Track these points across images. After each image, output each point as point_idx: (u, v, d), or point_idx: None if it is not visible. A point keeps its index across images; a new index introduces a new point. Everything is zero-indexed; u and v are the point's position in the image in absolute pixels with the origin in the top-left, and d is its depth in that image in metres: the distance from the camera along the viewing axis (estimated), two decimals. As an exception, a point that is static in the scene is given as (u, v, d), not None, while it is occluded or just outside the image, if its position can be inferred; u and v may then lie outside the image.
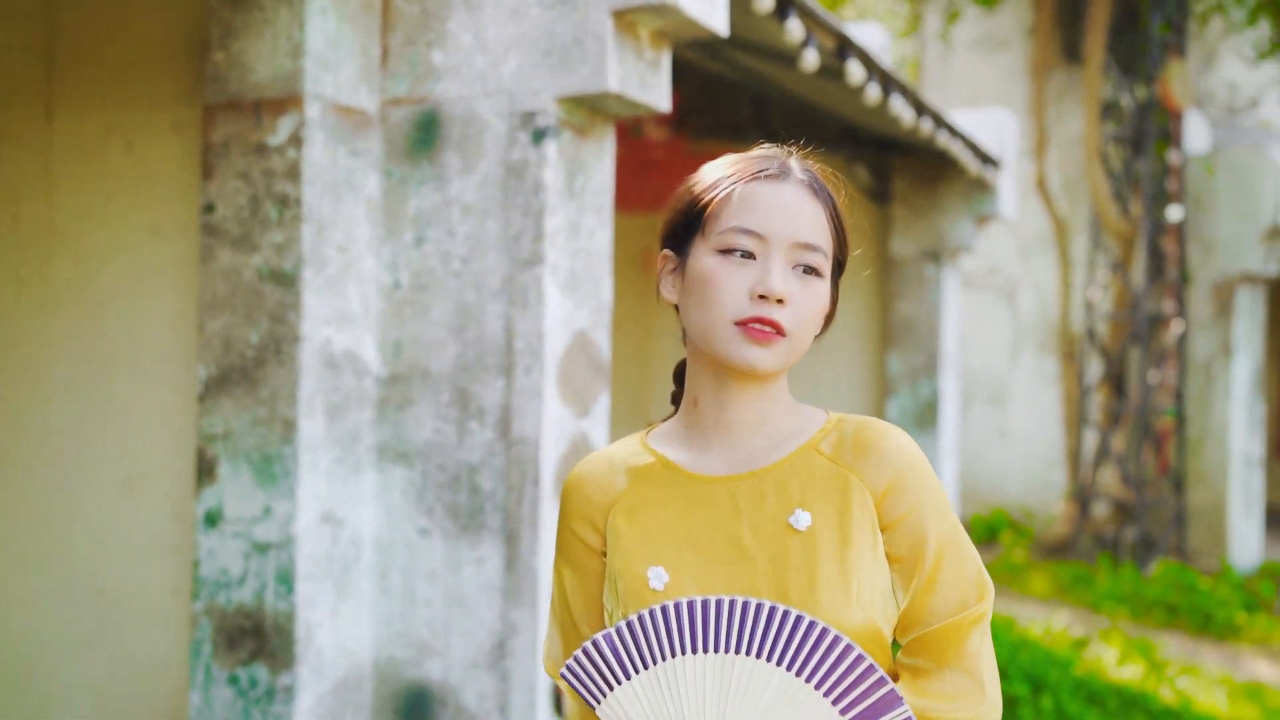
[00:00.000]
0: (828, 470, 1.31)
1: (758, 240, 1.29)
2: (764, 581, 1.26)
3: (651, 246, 6.58)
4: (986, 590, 1.32)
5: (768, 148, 1.40)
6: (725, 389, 1.34)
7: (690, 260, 1.34)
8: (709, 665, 1.20)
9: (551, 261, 2.78)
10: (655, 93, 2.87)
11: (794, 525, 1.28)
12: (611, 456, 1.40)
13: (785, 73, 5.02)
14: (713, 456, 1.35)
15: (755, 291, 1.27)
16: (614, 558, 1.33)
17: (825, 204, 1.33)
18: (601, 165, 2.94)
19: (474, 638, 2.83)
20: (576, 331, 2.87)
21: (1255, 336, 8.86)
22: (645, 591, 1.28)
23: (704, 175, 1.38)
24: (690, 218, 1.35)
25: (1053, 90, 9.34)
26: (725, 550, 1.29)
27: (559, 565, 1.41)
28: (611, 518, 1.36)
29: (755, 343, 1.28)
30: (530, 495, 2.77)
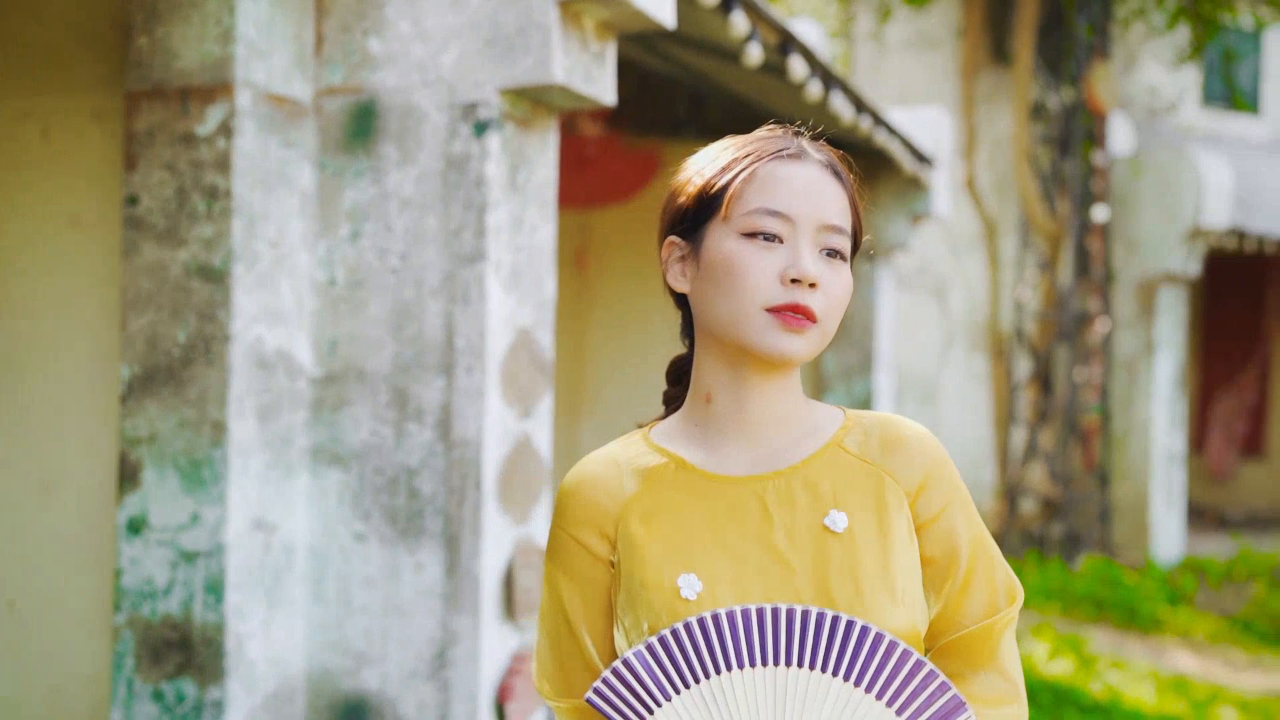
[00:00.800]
0: (858, 468, 1.25)
1: (785, 222, 1.21)
2: (805, 587, 1.19)
3: (585, 243, 6.51)
4: (1017, 593, 1.29)
5: (772, 128, 1.32)
6: (744, 383, 1.25)
7: (707, 246, 1.25)
8: (761, 680, 1.12)
9: (494, 257, 2.69)
10: (600, 86, 2.80)
11: (831, 527, 1.21)
12: (615, 457, 1.30)
13: (723, 68, 4.98)
14: (731, 456, 1.26)
15: (786, 275, 1.20)
16: (633, 566, 1.23)
17: (844, 185, 1.27)
18: (545, 159, 2.86)
19: (413, 646, 2.74)
20: (519, 330, 2.79)
21: (1177, 335, 9.03)
22: (677, 602, 1.19)
23: (710, 158, 1.29)
24: (704, 201, 1.26)
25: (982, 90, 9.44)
26: (759, 555, 1.21)
27: (554, 576, 1.30)
28: (623, 523, 1.25)
29: (790, 330, 1.20)
30: (472, 498, 2.69)
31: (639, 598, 1.21)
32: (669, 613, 1.18)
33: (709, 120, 6.79)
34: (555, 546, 1.31)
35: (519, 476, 2.80)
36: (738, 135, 1.32)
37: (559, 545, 1.30)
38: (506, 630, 2.78)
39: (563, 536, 1.30)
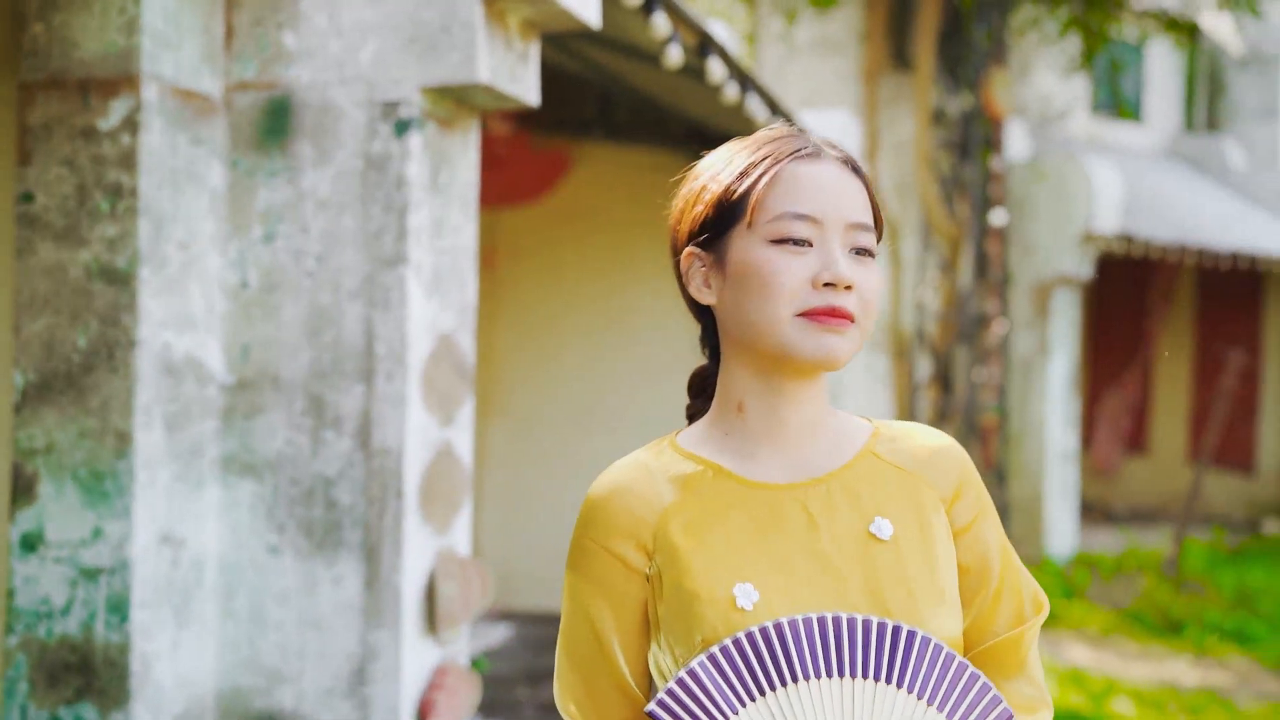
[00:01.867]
0: (895, 475, 1.24)
1: (812, 225, 1.19)
2: (858, 595, 1.16)
3: (495, 245, 6.42)
4: (1043, 602, 1.29)
5: (778, 127, 1.29)
6: (779, 390, 1.22)
7: (732, 254, 1.21)
8: (829, 691, 1.09)
9: (415, 260, 2.61)
10: (524, 86, 2.74)
11: (877, 534, 1.20)
12: (646, 465, 1.25)
13: (635, 68, 4.95)
14: (767, 463, 1.23)
15: (820, 280, 1.17)
16: (679, 577, 1.18)
17: (863, 180, 1.25)
18: (466, 159, 2.79)
19: (330, 662, 2.65)
20: (441, 334, 2.71)
21: (1071, 336, 9.28)
22: (733, 612, 1.15)
23: (724, 163, 1.25)
24: (725, 209, 1.22)
25: (884, 95, 9.58)
26: (808, 564, 1.18)
27: (581, 592, 1.23)
28: (663, 533, 1.20)
29: (831, 331, 1.17)
30: (393, 509, 2.60)
31: (690, 610, 1.17)
32: (725, 624, 1.15)
33: (618, 120, 6.76)
34: (583, 559, 1.24)
35: (441, 485, 2.72)
36: (743, 138, 1.28)
37: (588, 558, 1.23)
38: (428, 644, 2.71)
39: (593, 548, 1.23)
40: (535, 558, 6.69)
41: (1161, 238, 9.15)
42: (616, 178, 6.80)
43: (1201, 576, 8.30)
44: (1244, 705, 5.72)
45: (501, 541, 6.46)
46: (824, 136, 1.28)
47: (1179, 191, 10.87)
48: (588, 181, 6.83)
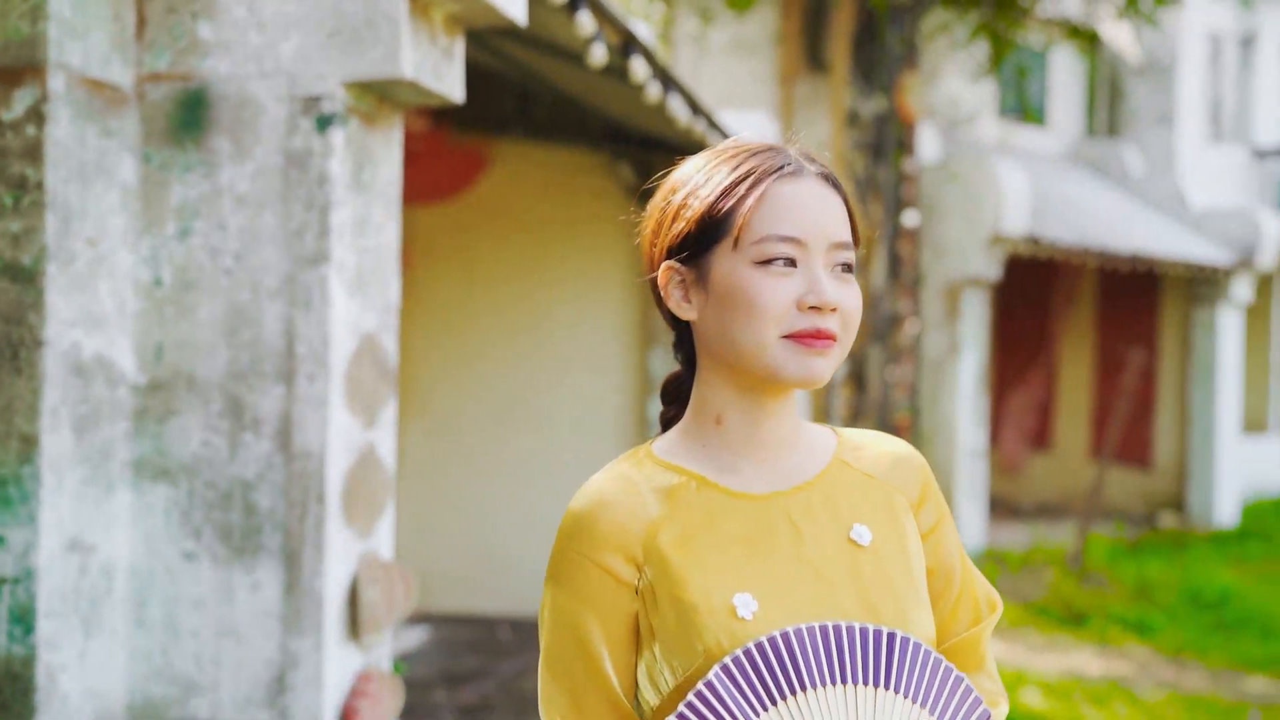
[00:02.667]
0: (866, 483, 1.27)
1: (797, 246, 1.20)
2: (849, 602, 1.19)
3: (411, 244, 6.33)
4: (997, 602, 1.34)
5: (753, 139, 1.29)
6: (759, 405, 1.24)
7: (716, 273, 1.22)
8: (837, 698, 1.12)
9: (337, 259, 2.56)
10: (449, 83, 2.70)
11: (857, 541, 1.23)
12: (628, 476, 1.24)
13: (554, 65, 4.92)
14: (747, 474, 1.24)
15: (805, 303, 1.19)
16: (674, 589, 1.18)
17: (841, 193, 1.25)
18: (390, 156, 2.74)
19: (248, 671, 2.58)
20: (364, 334, 2.66)
21: (980, 336, 9.47)
22: (734, 622, 1.16)
23: (704, 177, 1.24)
24: (708, 226, 1.22)
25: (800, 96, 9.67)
26: (797, 572, 1.20)
27: (568, 607, 1.21)
28: (652, 545, 1.20)
29: (814, 353, 1.19)
30: (314, 513, 2.54)
31: (690, 621, 1.17)
32: (728, 634, 1.15)
33: (536, 118, 6.72)
34: (569, 572, 1.22)
35: (363, 488, 2.67)
36: (719, 147, 1.27)
37: (574, 570, 1.21)
38: (351, 650, 2.65)
39: (580, 561, 1.21)
40: (452, 559, 6.62)
41: (1066, 240, 9.38)
42: (535, 176, 6.76)
43: (1104, 569, 8.54)
44: (1145, 693, 5.89)
45: (418, 543, 6.38)
46: (802, 148, 1.28)
47: (1081, 194, 11.16)
48: (506, 180, 6.77)
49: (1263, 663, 6.65)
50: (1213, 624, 7.34)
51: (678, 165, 1.30)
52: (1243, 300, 11.14)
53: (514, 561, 6.63)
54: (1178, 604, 7.67)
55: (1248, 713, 5.67)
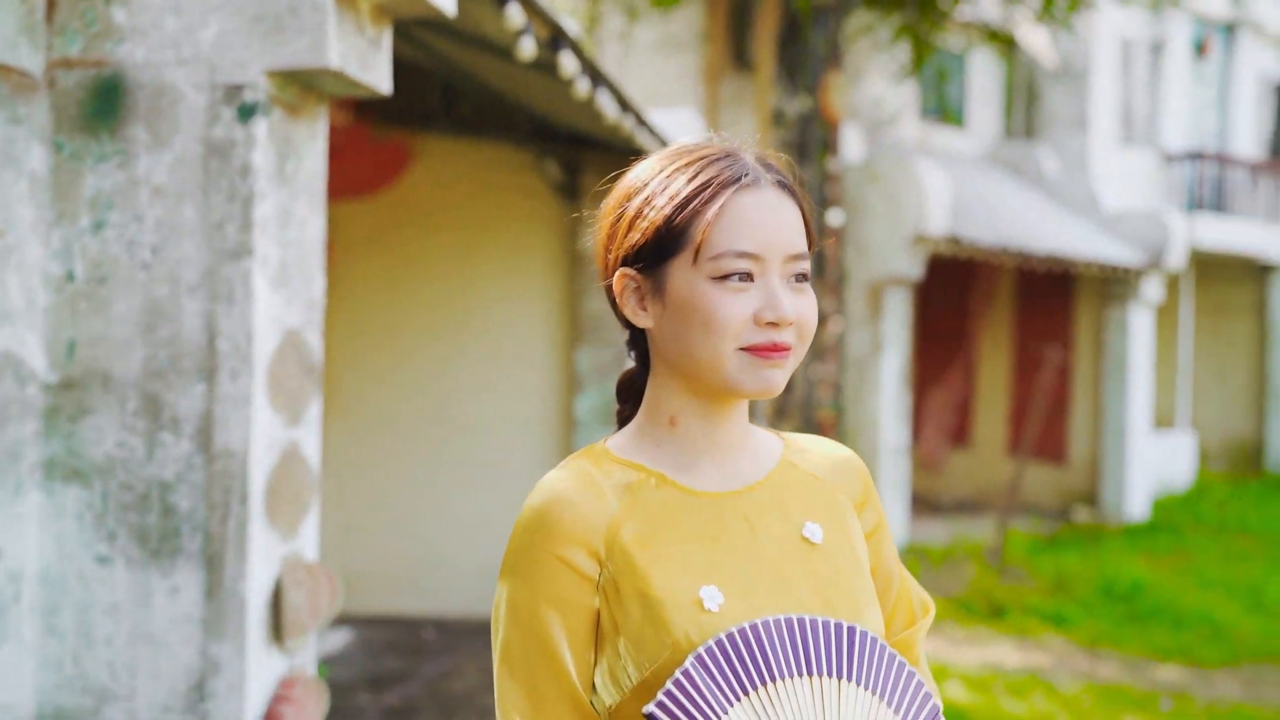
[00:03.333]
0: (814, 484, 1.29)
1: (756, 261, 1.21)
2: (808, 598, 1.21)
3: (332, 240, 6.21)
4: (930, 603, 1.38)
5: (710, 141, 1.28)
6: (716, 409, 1.26)
7: (673, 285, 1.22)
8: (804, 689, 1.14)
9: (261, 253, 2.48)
10: (376, 73, 2.64)
11: (809, 539, 1.25)
12: (587, 472, 1.24)
13: (479, 59, 4.86)
14: (704, 473, 1.26)
15: (763, 319, 1.20)
16: (638, 583, 1.18)
17: (797, 199, 1.25)
18: (314, 148, 2.67)
19: (166, 679, 2.49)
20: (288, 331, 2.59)
21: (902, 334, 9.59)
22: (701, 615, 1.17)
23: (659, 184, 1.23)
24: (665, 240, 1.22)
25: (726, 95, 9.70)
26: (756, 568, 1.22)
27: (528, 602, 1.20)
28: (614, 540, 1.20)
29: (771, 366, 1.20)
30: (237, 514, 2.47)
31: (657, 615, 1.17)
32: (696, 626, 1.16)
33: (461, 114, 6.64)
34: (530, 568, 1.20)
35: (287, 488, 2.60)
36: (675, 150, 1.26)
37: (536, 566, 1.20)
38: (274, 655, 2.58)
39: (542, 556, 1.20)
40: (375, 560, 6.52)
41: (986, 240, 9.54)
42: (460, 173, 6.68)
43: (1023, 564, 8.70)
44: (1063, 684, 6.01)
45: (340, 544, 6.27)
46: (757, 152, 1.27)
47: (999, 195, 11.36)
48: (430, 176, 6.69)
49: (1173, 652, 6.82)
50: (1126, 615, 7.52)
51: (632, 166, 1.29)
52: (1153, 300, 11.43)
53: (438, 561, 6.56)
54: (1093, 596, 7.84)
55: (1159, 701, 5.80)
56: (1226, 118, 14.66)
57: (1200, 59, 14.32)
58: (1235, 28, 14.49)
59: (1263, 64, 14.97)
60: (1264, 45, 14.93)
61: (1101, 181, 12.93)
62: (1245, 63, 14.68)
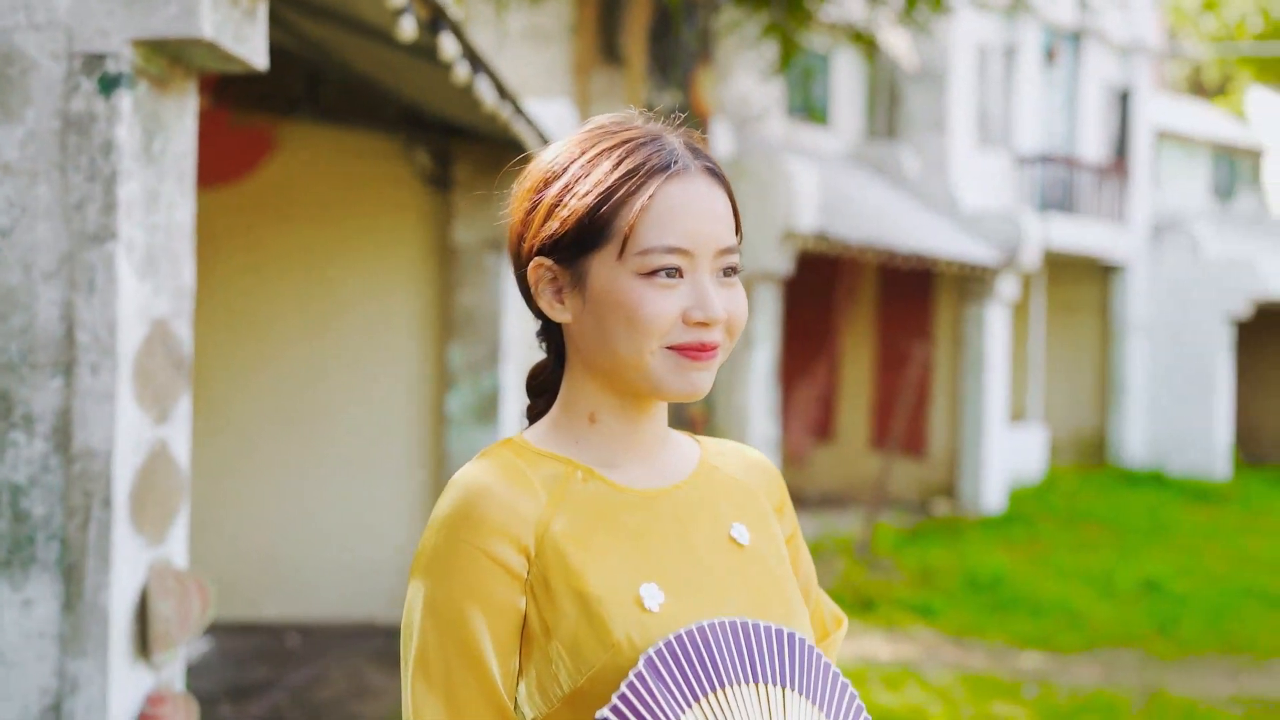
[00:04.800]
0: (735, 485, 1.24)
1: (685, 257, 1.13)
2: (743, 600, 1.15)
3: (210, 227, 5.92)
4: (844, 617, 1.35)
5: (625, 116, 1.19)
6: (634, 408, 1.18)
7: (595, 280, 1.14)
8: (749, 697, 1.09)
9: (126, 237, 2.30)
10: (252, 46, 2.47)
11: (738, 540, 1.19)
12: (513, 463, 1.14)
13: (347, 41, 4.68)
14: (628, 470, 1.18)
15: (692, 317, 1.13)
16: (572, 581, 1.10)
17: (725, 187, 1.18)
18: (183, 126, 2.49)
19: (17, 700, 2.29)
20: (155, 321, 2.41)
21: (772, 330, 9.67)
22: (642, 614, 1.09)
23: (580, 170, 1.14)
24: (588, 231, 1.12)
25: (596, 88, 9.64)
26: (690, 567, 1.15)
27: (449, 601, 1.09)
28: (545, 534, 1.11)
29: (700, 366, 1.14)
30: (99, 520, 2.28)
31: (592, 613, 1.09)
32: (638, 626, 1.09)
33: (327, 100, 6.41)
34: (453, 565, 1.09)
35: (154, 491, 2.42)
36: (595, 129, 1.17)
37: (459, 561, 1.09)
38: (140, 670, 2.40)
39: (468, 552, 1.09)
40: (235, 564, 6.24)
41: (853, 237, 9.69)
42: (326, 161, 6.44)
43: (890, 556, 8.87)
44: (933, 675, 6.12)
45: (198, 548, 5.98)
46: (685, 136, 1.19)
47: (864, 194, 11.58)
48: (293, 164, 6.43)
49: (1034, 639, 7.04)
50: (989, 605, 7.73)
51: (547, 147, 1.20)
52: (1009, 298, 11.81)
53: (302, 565, 6.32)
54: (957, 587, 8.04)
55: (1023, 689, 5.97)
56: (1074, 122, 15.27)
57: (1050, 65, 14.87)
58: (1082, 36, 15.10)
59: (1107, 71, 15.63)
60: (1108, 54, 15.59)
61: (959, 181, 13.31)
62: (1091, 70, 15.30)
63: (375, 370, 6.42)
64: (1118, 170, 15.58)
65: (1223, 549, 10.13)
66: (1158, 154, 17.92)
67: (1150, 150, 16.55)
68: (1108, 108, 15.75)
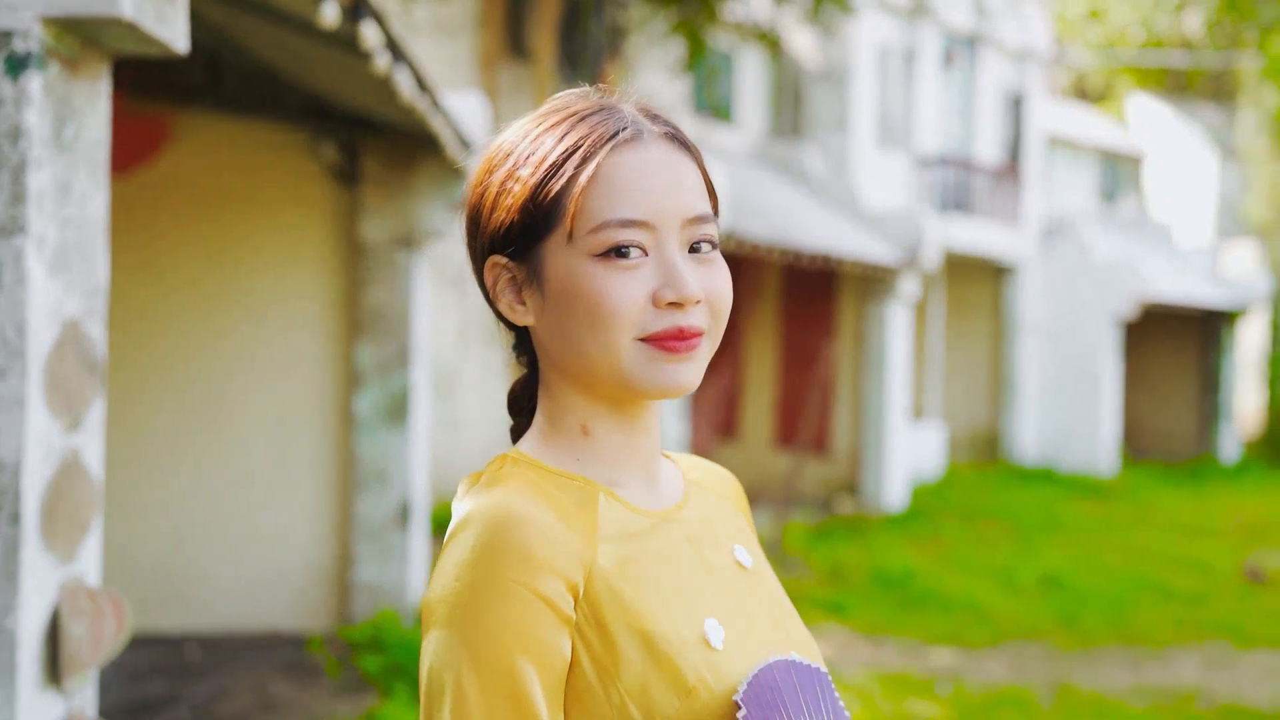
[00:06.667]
0: (720, 504, 1.14)
1: (645, 230, 1.00)
2: (769, 629, 1.05)
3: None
4: None
5: (578, 92, 1.07)
6: (625, 415, 1.06)
7: (550, 270, 1.02)
8: None
9: (36, 231, 2.13)
10: (173, 28, 2.31)
11: (742, 563, 1.09)
12: (541, 486, 1.00)
13: (254, 29, 4.49)
14: (634, 489, 1.06)
15: (663, 299, 1.00)
16: (633, 619, 0.97)
17: (691, 153, 1.06)
18: (97, 112, 2.32)
19: (-86, 732, 2.11)
20: (67, 321, 2.24)
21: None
22: (710, 652, 0.98)
23: (525, 150, 1.02)
24: (535, 214, 1.00)
25: (504, 83, 9.49)
26: (724, 596, 1.05)
27: (504, 657, 0.93)
28: (593, 569, 0.98)
29: (680, 358, 1.01)
30: (6, 537, 2.11)
31: (661, 655, 0.97)
32: (709, 667, 0.98)
33: (227, 89, 6.16)
34: (498, 608, 0.93)
35: (66, 504, 2.25)
36: (545, 109, 1.06)
37: (507, 606, 0.93)
38: (50, 698, 2.23)
39: (517, 593, 0.93)
40: (129, 574, 5.96)
41: (761, 236, 9.71)
42: (226, 153, 6.20)
43: (800, 555, 8.91)
44: (849, 673, 6.15)
45: (92, 558, 5.70)
46: (638, 100, 1.08)
47: (768, 192, 11.63)
48: (191, 156, 6.17)
49: (944, 635, 7.12)
50: (899, 602, 7.80)
51: (500, 131, 1.08)
52: (910, 297, 11.98)
53: (201, 573, 6.07)
54: (867, 585, 8.11)
55: (936, 686, 6.02)
56: (971, 125, 15.58)
57: (948, 69, 15.16)
58: (978, 42, 15.41)
59: (1002, 76, 15.99)
60: (1003, 59, 15.95)
61: (861, 181, 13.47)
62: (987, 74, 15.64)
63: (279, 370, 6.19)
64: (1011, 173, 15.96)
65: (1115, 543, 10.43)
66: (1048, 158, 18.41)
67: (1041, 154, 16.99)
68: (1002, 112, 16.12)
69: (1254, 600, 8.47)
